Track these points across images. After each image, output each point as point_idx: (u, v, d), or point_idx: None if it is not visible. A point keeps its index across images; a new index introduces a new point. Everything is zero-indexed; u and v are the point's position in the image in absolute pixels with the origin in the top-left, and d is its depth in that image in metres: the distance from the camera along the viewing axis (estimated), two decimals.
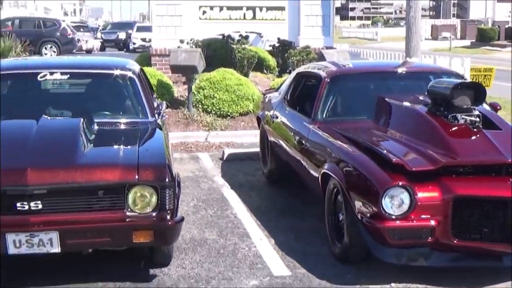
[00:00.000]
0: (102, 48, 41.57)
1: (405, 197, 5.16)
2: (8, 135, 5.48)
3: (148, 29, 39.99)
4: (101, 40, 42.93)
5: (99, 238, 5.04)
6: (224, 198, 7.94)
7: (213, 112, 12.06)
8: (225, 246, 6.26)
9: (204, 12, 14.87)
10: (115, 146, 5.59)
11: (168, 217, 5.08)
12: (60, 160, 5.08)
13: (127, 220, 5.01)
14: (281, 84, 9.10)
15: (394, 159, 5.31)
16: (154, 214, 5.05)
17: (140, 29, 40.82)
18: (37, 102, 6.63)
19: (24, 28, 31.44)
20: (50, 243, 4.91)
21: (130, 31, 41.72)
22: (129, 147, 5.53)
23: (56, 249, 4.94)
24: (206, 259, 5.91)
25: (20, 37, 19.53)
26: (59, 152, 5.18)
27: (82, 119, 5.80)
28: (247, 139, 11.31)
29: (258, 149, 9.54)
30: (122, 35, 42.97)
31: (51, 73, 6.64)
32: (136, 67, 7.24)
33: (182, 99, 12.59)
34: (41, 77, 6.61)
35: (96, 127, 6.00)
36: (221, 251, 6.11)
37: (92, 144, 5.50)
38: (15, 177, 4.85)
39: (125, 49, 41.07)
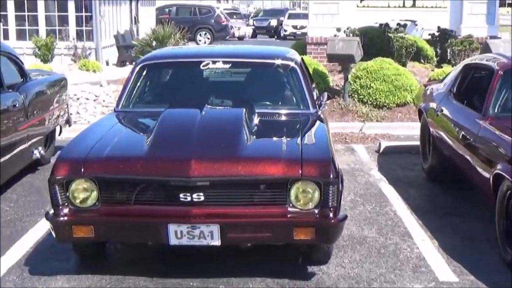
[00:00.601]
0: (254, 35, 41.94)
1: None
2: (173, 124, 5.50)
3: (299, 16, 40.17)
4: (253, 27, 43.32)
5: (259, 233, 4.92)
6: (382, 194, 7.64)
7: (369, 103, 11.75)
8: (385, 245, 5.97)
9: (361, 0, 14.55)
10: (278, 139, 5.46)
11: (331, 214, 4.87)
12: (224, 152, 4.99)
13: (289, 216, 4.85)
14: (446, 76, 8.65)
15: None
16: (316, 211, 4.86)
17: (291, 16, 40.86)
18: (199, 91, 6.63)
19: (180, 15, 32.32)
20: (210, 235, 4.83)
21: (281, 18, 41.81)
22: (291, 140, 5.38)
23: (217, 242, 4.86)
24: (366, 259, 5.65)
25: (177, 24, 20.03)
26: (223, 143, 5.10)
27: (244, 110, 5.71)
28: (403, 131, 10.94)
29: (416, 143, 9.15)
30: (273, 22, 43.12)
31: (214, 62, 6.60)
32: (298, 57, 7.09)
33: (337, 88, 12.35)
34: (203, 66, 6.59)
35: (257, 117, 5.89)
36: (381, 251, 5.84)
37: (254, 136, 5.38)
38: (179, 167, 4.80)
39: (276, 37, 41.24)
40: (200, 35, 31.95)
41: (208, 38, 32.13)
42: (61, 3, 20.29)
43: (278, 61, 6.67)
